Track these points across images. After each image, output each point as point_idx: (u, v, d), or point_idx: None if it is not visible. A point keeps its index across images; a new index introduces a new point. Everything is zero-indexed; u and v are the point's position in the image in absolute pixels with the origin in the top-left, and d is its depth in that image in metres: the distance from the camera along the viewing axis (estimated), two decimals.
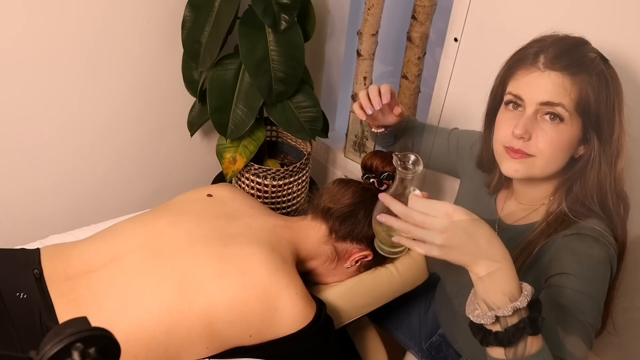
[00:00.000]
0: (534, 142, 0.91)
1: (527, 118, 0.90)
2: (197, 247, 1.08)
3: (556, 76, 0.88)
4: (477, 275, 0.74)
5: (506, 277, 0.74)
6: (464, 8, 1.37)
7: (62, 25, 1.49)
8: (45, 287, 1.04)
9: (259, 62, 1.51)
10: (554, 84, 0.88)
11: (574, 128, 0.90)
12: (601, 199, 0.93)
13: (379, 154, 1.26)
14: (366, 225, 1.19)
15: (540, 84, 0.89)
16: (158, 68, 1.72)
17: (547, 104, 0.89)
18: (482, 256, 0.73)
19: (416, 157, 0.79)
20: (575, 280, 0.86)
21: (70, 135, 1.66)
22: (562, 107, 0.88)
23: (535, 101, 0.90)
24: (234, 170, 1.69)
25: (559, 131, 0.89)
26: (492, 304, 0.74)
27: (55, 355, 0.47)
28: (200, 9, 1.55)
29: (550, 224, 0.94)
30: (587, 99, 0.88)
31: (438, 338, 1.30)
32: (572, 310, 0.84)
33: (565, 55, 0.89)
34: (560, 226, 0.92)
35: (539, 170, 0.93)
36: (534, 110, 0.90)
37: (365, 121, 1.23)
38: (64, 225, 1.52)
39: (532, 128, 0.90)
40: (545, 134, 0.90)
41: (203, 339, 1.03)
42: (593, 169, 0.92)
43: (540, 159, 0.92)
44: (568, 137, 0.90)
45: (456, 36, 1.41)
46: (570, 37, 0.93)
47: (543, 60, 0.90)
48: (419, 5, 1.62)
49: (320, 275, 1.25)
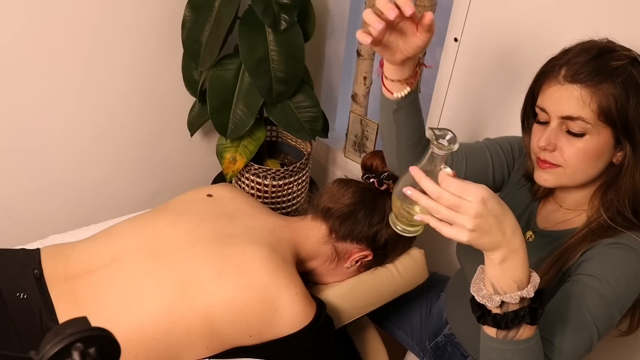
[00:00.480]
0: (558, 153, 0.92)
1: (550, 130, 0.91)
2: (197, 247, 1.08)
3: (574, 89, 0.88)
4: (494, 261, 0.74)
5: (520, 266, 0.75)
6: (464, 8, 1.37)
7: (62, 25, 1.49)
8: (46, 287, 1.04)
9: (259, 62, 1.51)
10: (571, 98, 0.88)
11: (601, 137, 0.89)
12: (634, 206, 0.92)
13: (379, 154, 1.26)
14: (366, 225, 1.19)
15: (559, 98, 0.89)
16: (158, 68, 1.72)
17: (567, 118, 0.89)
18: (505, 243, 0.73)
19: (453, 134, 0.75)
20: (600, 284, 0.86)
21: (70, 135, 1.66)
22: (583, 121, 0.88)
23: (557, 115, 0.90)
24: (234, 170, 1.69)
25: (584, 142, 0.89)
26: (500, 289, 0.75)
27: (55, 355, 0.47)
28: (200, 9, 1.55)
29: (594, 231, 0.93)
30: (609, 108, 0.87)
31: (443, 338, 1.30)
32: (586, 308, 0.85)
33: (586, 67, 0.88)
34: (604, 234, 0.92)
35: (568, 180, 0.94)
36: (557, 123, 0.91)
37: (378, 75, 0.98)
38: (64, 225, 1.53)
39: (556, 139, 0.91)
40: (570, 145, 0.90)
41: (203, 339, 1.03)
42: (626, 175, 0.91)
43: (567, 169, 0.92)
44: (595, 146, 0.90)
45: (456, 36, 1.41)
46: (595, 46, 0.91)
47: (564, 74, 0.89)
48: (419, 5, 1.62)
49: (320, 275, 1.25)
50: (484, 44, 1.36)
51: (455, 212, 0.71)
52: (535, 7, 1.22)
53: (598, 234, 0.92)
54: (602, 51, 0.90)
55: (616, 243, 0.90)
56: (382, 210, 1.21)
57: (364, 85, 1.87)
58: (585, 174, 0.93)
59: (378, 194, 1.22)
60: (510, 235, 0.74)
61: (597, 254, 0.90)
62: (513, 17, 1.27)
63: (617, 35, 0.93)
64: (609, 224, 0.92)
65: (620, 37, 0.93)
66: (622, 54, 0.89)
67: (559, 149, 0.91)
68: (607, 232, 0.91)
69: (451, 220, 0.72)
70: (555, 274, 0.94)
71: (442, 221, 0.74)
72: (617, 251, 0.89)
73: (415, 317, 1.40)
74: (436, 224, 0.74)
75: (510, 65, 1.33)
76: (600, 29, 1.12)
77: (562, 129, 0.91)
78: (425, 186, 0.73)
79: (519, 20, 1.26)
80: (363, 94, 1.90)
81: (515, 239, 0.74)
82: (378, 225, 1.20)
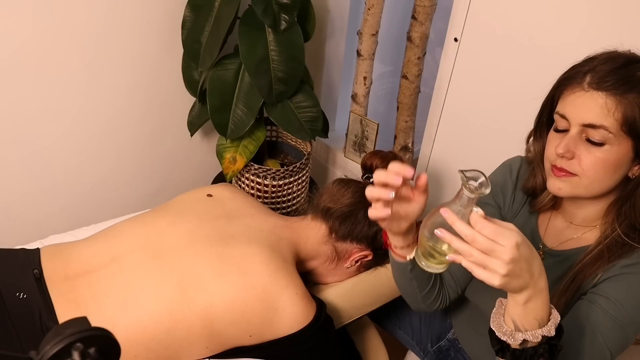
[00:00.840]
0: (576, 161, 0.89)
1: (570, 137, 0.89)
2: (197, 247, 1.08)
3: (599, 97, 0.86)
4: (519, 302, 0.75)
5: (543, 305, 0.75)
6: (464, 8, 1.37)
7: (62, 26, 1.49)
8: (45, 287, 1.04)
9: (259, 62, 1.51)
10: (596, 105, 0.86)
11: (622, 148, 0.87)
12: None
13: (379, 154, 1.26)
14: (366, 225, 1.19)
15: (583, 105, 0.87)
16: (158, 68, 1.72)
17: (589, 126, 0.87)
18: (532, 285, 0.74)
19: (485, 178, 0.75)
20: (614, 307, 0.86)
21: (70, 136, 1.66)
22: (605, 129, 0.85)
23: (578, 122, 0.88)
24: (234, 170, 1.69)
25: (604, 152, 0.87)
26: (522, 326, 0.76)
27: (55, 355, 0.47)
28: (200, 9, 1.55)
29: (609, 247, 0.90)
30: (633, 119, 0.84)
31: (447, 343, 1.29)
32: (600, 333, 0.85)
33: (612, 75, 0.86)
34: (619, 251, 0.89)
35: (584, 190, 0.91)
36: (577, 130, 0.88)
37: (386, 237, 0.98)
38: (64, 226, 1.52)
39: (575, 147, 0.88)
40: (589, 153, 0.88)
41: (203, 339, 1.03)
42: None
43: (584, 178, 0.89)
44: (614, 157, 0.87)
45: (456, 36, 1.41)
46: (621, 55, 0.90)
47: (589, 80, 0.87)
48: (419, 5, 1.62)
49: (320, 275, 1.25)
50: (484, 44, 1.36)
51: (488, 256, 0.71)
52: (535, 7, 1.22)
53: (613, 251, 0.90)
54: (629, 61, 0.88)
55: (634, 264, 0.88)
56: None
57: (364, 85, 1.87)
58: (601, 186, 0.90)
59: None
60: (537, 277, 0.74)
61: (613, 276, 0.88)
62: (513, 17, 1.27)
63: (617, 35, 0.93)
64: (624, 240, 0.90)
65: (620, 37, 0.93)
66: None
67: (577, 157, 0.89)
68: (623, 249, 0.89)
69: (484, 264, 0.71)
70: (573, 295, 0.92)
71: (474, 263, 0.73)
72: (633, 275, 0.87)
73: (415, 316, 1.40)
74: (468, 265, 0.73)
75: (510, 65, 1.33)
76: (600, 29, 1.12)
77: (582, 137, 0.88)
78: (459, 229, 0.72)
79: (518, 20, 1.26)
80: (363, 94, 1.90)
81: (541, 280, 0.75)
82: (378, 225, 1.20)
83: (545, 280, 0.75)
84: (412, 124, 1.85)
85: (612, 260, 0.89)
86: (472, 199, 0.74)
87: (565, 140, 0.89)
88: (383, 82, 2.20)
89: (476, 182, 0.74)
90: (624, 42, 0.91)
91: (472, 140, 1.50)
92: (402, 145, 1.88)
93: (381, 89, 2.21)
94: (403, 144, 1.88)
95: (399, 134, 1.87)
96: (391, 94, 2.14)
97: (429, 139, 1.61)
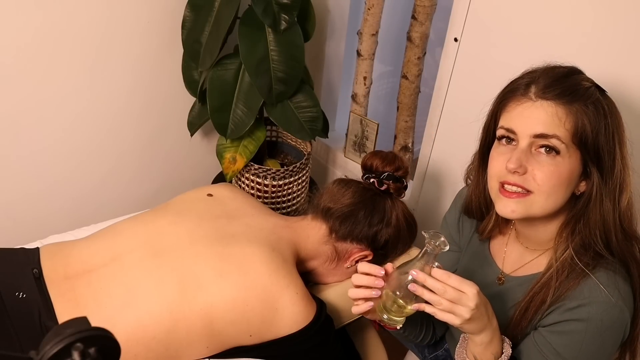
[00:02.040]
0: (530, 176, 0.85)
1: (520, 151, 0.85)
2: (198, 247, 1.08)
3: (549, 105, 0.83)
4: (477, 342, 0.88)
5: (497, 342, 0.89)
6: (464, 8, 1.37)
7: (62, 26, 1.49)
8: (45, 287, 1.04)
9: (259, 62, 1.51)
10: (547, 114, 0.83)
11: (572, 161, 0.84)
12: (606, 238, 0.87)
13: (379, 154, 1.26)
14: (366, 225, 1.19)
15: (532, 115, 0.84)
16: (158, 68, 1.72)
17: (540, 136, 0.83)
18: (489, 326, 0.86)
19: (444, 238, 0.86)
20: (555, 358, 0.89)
21: (70, 136, 1.66)
22: (557, 139, 0.83)
23: (528, 133, 0.84)
24: (234, 170, 1.69)
25: (557, 164, 0.84)
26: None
27: (55, 355, 0.47)
28: (200, 9, 1.55)
29: (560, 274, 0.88)
30: (583, 129, 0.82)
31: (444, 352, 1.29)
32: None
33: (557, 84, 0.84)
34: (567, 279, 0.87)
35: (539, 209, 0.87)
36: (527, 143, 0.85)
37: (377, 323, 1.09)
38: (64, 226, 1.52)
39: (526, 161, 0.84)
40: (542, 166, 0.84)
41: (203, 338, 1.03)
42: (595, 205, 0.86)
43: (539, 195, 0.85)
44: (567, 170, 0.84)
45: (456, 36, 1.41)
46: (562, 67, 0.89)
47: (535, 90, 0.85)
48: (419, 5, 1.62)
49: (321, 275, 1.25)
50: (484, 44, 1.36)
51: (455, 304, 0.82)
52: (535, 7, 1.22)
53: (562, 279, 0.88)
54: (571, 71, 0.87)
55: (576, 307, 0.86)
56: (382, 210, 1.21)
57: (364, 85, 1.87)
58: (556, 202, 0.87)
59: (378, 194, 1.22)
60: (491, 318, 0.87)
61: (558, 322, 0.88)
62: (513, 17, 1.27)
63: (617, 35, 0.93)
64: (574, 261, 0.87)
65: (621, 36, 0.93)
66: (588, 77, 0.87)
67: (529, 172, 0.84)
68: (570, 277, 0.87)
69: (451, 311, 0.82)
70: (528, 324, 0.93)
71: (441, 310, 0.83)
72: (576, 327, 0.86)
73: (414, 316, 1.39)
74: (433, 311, 0.84)
75: (510, 65, 1.33)
76: (600, 29, 1.12)
77: (532, 150, 0.85)
78: (431, 285, 0.83)
79: (518, 20, 1.26)
80: (363, 94, 1.90)
81: (494, 320, 0.87)
82: (378, 226, 1.20)
83: (497, 322, 0.88)
84: (412, 124, 1.85)
85: (561, 291, 0.88)
86: (434, 256, 0.85)
87: (516, 153, 0.85)
88: (383, 82, 2.20)
89: (438, 240, 0.85)
90: (624, 42, 0.91)
91: (472, 140, 1.50)
92: (402, 145, 1.88)
93: (381, 89, 2.21)
94: (403, 144, 1.88)
95: (399, 134, 1.87)
96: (391, 94, 2.14)
97: (429, 139, 1.61)
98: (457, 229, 1.13)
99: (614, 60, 1.10)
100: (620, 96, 1.09)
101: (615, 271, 0.87)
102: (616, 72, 1.10)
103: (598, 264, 0.87)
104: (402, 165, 1.25)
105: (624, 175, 0.86)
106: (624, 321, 0.85)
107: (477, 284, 0.83)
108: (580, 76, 0.87)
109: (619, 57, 1.09)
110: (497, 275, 1.02)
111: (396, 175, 1.23)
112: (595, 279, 0.86)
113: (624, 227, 0.87)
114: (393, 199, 1.24)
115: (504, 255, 1.03)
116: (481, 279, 1.03)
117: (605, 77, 1.11)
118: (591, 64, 1.13)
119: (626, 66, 1.08)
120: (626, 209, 0.87)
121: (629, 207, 0.88)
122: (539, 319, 0.92)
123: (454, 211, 1.14)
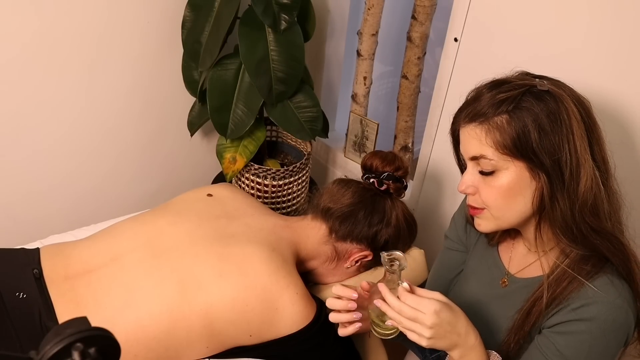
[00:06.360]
0: (478, 196, 0.90)
1: (467, 174, 0.90)
2: (198, 247, 1.08)
3: (471, 128, 0.87)
4: (455, 358, 0.87)
5: (477, 357, 0.88)
6: (464, 8, 1.37)
7: (61, 26, 1.49)
8: (45, 287, 1.04)
9: (259, 62, 1.51)
10: (470, 137, 0.87)
11: (513, 172, 0.85)
12: (571, 234, 0.86)
13: (379, 154, 1.26)
14: (366, 225, 1.19)
15: (464, 140, 0.89)
16: (158, 68, 1.72)
17: (473, 158, 0.88)
18: (462, 343, 0.86)
19: (403, 256, 0.89)
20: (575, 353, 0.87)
21: (70, 136, 1.66)
22: (485, 158, 0.86)
23: (467, 157, 0.90)
24: (234, 170, 1.69)
25: (497, 180, 0.86)
26: None
27: (55, 355, 0.47)
28: (200, 9, 1.55)
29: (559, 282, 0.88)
30: (505, 140, 0.83)
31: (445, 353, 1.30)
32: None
33: (476, 104, 0.86)
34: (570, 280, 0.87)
35: (499, 221, 0.91)
36: (471, 165, 0.90)
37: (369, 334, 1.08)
38: (64, 226, 1.53)
39: (475, 182, 0.89)
40: (486, 185, 0.88)
41: (203, 338, 1.03)
42: (552, 204, 0.85)
43: (492, 210, 0.90)
44: (509, 182, 0.86)
45: (456, 36, 1.41)
46: (490, 81, 0.90)
47: (462, 116, 0.89)
48: (419, 5, 1.62)
49: (320, 275, 1.25)
50: (484, 44, 1.36)
51: (413, 322, 0.83)
52: (535, 7, 1.22)
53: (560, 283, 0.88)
54: (494, 85, 0.88)
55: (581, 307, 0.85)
56: (382, 211, 1.21)
57: (364, 85, 1.87)
58: (513, 213, 0.89)
59: (378, 194, 1.22)
60: (464, 335, 0.86)
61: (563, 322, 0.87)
62: (513, 17, 1.27)
63: (617, 36, 0.93)
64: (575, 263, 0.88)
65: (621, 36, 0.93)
66: (515, 84, 0.86)
67: (478, 191, 0.90)
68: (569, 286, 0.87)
69: (411, 329, 0.84)
70: (531, 328, 0.92)
71: None
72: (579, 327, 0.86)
73: None
74: (403, 329, 0.86)
75: (510, 66, 1.33)
76: (599, 28, 1.12)
77: (477, 171, 0.89)
78: (389, 301, 0.85)
79: (518, 20, 1.26)
80: (363, 94, 1.90)
81: (469, 337, 0.86)
82: (378, 226, 1.20)
83: (476, 336, 0.87)
84: (412, 124, 1.85)
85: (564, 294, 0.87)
86: (397, 275, 0.87)
87: (463, 177, 0.91)
88: (383, 82, 2.20)
89: (395, 262, 0.88)
90: (624, 42, 0.91)
91: None
92: (402, 145, 1.88)
93: (381, 89, 2.21)
94: (403, 144, 1.88)
95: (399, 134, 1.87)
96: (391, 94, 2.14)
97: (429, 139, 1.61)
98: (464, 230, 1.13)
99: (614, 60, 1.10)
100: (619, 91, 1.09)
101: (617, 273, 0.87)
102: (615, 71, 1.10)
103: (599, 265, 0.87)
104: (402, 165, 1.25)
105: (577, 166, 0.83)
106: (628, 323, 0.85)
107: (484, 285, 0.83)
108: (502, 87, 0.86)
109: (618, 56, 1.09)
110: (502, 277, 1.02)
111: (396, 175, 1.23)
112: (596, 280, 0.86)
113: (586, 220, 0.85)
114: (393, 199, 1.24)
115: (510, 255, 1.03)
116: (488, 280, 1.03)
117: (605, 75, 1.12)
118: (591, 63, 1.13)
119: (626, 64, 1.08)
120: (587, 200, 0.84)
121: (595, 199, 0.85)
122: (542, 322, 0.92)
123: (462, 213, 1.14)
